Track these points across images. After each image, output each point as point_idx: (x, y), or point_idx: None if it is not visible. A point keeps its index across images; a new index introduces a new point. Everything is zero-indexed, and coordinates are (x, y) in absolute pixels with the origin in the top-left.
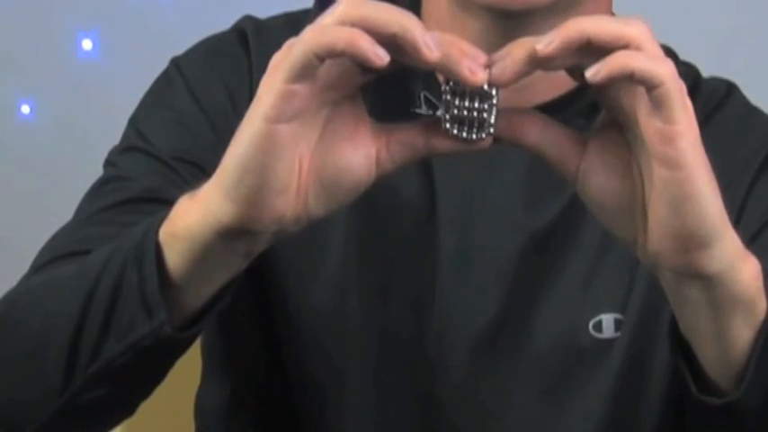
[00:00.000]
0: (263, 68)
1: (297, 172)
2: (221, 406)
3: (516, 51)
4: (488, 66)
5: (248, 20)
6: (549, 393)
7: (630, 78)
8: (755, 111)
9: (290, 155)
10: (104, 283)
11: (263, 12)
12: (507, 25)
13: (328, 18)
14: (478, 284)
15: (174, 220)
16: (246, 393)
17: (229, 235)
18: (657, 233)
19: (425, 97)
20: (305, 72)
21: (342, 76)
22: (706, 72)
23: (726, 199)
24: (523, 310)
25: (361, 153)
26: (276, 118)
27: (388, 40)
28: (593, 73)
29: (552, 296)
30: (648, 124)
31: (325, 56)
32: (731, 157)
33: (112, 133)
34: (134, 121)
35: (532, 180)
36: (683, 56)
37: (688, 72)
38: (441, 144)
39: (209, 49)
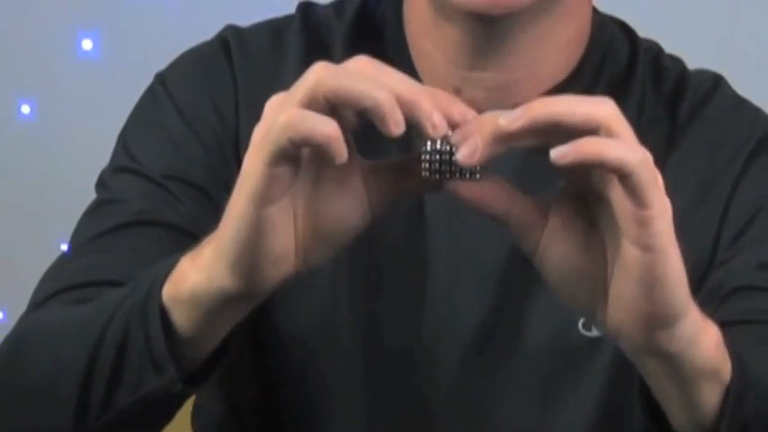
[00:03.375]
0: (246, 78)
1: (294, 237)
2: (216, 417)
3: (484, 130)
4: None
5: (230, 29)
6: (542, 392)
7: (600, 167)
8: (743, 102)
9: (285, 229)
10: (109, 342)
11: (263, 12)
12: (488, 32)
13: (301, 90)
14: (469, 285)
15: (176, 283)
16: (240, 405)
17: (234, 300)
18: (620, 311)
19: None
20: (284, 157)
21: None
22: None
23: (712, 192)
24: (514, 309)
25: (354, 203)
26: (263, 202)
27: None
28: (560, 156)
29: (542, 295)
30: (622, 206)
31: (302, 145)
32: (718, 149)
33: (112, 133)
34: (123, 140)
35: (522, 180)
36: (684, 56)
37: (674, 66)
38: (429, 185)
39: (193, 62)
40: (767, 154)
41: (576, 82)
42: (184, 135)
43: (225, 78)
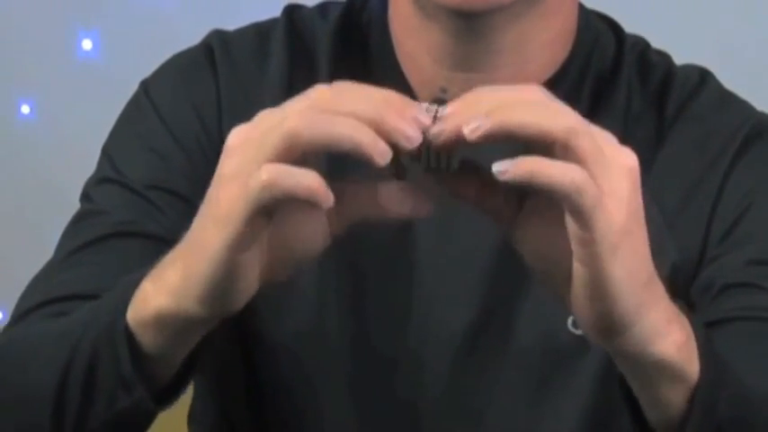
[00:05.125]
0: (229, 84)
1: (260, 267)
2: (208, 421)
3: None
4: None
5: (215, 34)
6: (533, 392)
7: (541, 189)
8: (730, 97)
9: (255, 266)
10: (78, 364)
11: (263, 13)
12: (470, 29)
13: (275, 142)
14: (457, 288)
15: (140, 307)
16: (230, 411)
17: (201, 323)
18: (576, 312)
19: None
20: (266, 210)
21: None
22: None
23: (701, 188)
24: (503, 310)
25: (315, 227)
26: (241, 249)
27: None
28: (501, 171)
29: (531, 294)
30: (567, 222)
31: (286, 201)
32: (706, 145)
33: None
34: (107, 151)
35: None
36: (685, 56)
37: (661, 61)
38: (391, 206)
39: (177, 70)
40: (754, 149)
41: (563, 79)
42: (167, 144)
43: (208, 85)
